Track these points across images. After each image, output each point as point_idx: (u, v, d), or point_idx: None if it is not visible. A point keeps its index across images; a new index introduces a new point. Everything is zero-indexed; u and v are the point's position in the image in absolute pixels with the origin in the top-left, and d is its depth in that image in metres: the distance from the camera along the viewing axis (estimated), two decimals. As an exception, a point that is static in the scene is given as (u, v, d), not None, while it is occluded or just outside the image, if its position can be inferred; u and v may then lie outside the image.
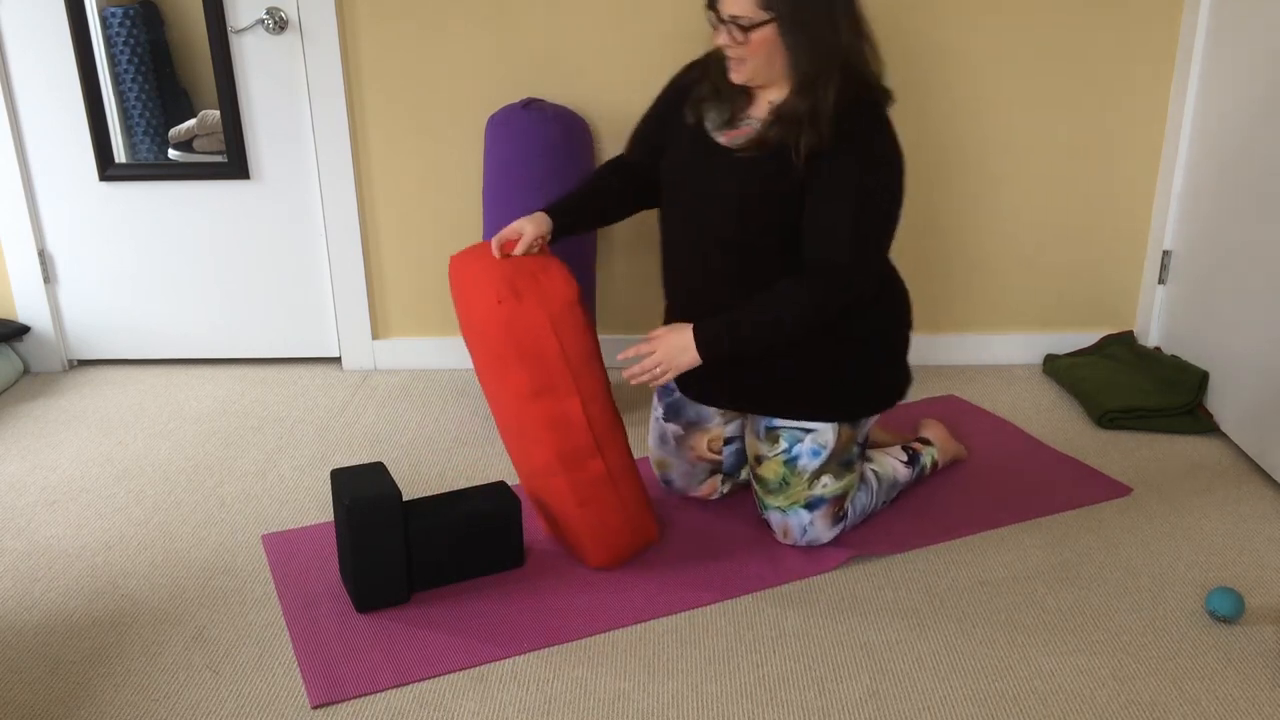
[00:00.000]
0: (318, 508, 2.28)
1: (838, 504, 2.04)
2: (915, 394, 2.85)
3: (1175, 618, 1.86)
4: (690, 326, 1.87)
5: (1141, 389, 2.69)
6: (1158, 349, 2.91)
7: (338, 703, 1.67)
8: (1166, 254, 2.87)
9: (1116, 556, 2.06)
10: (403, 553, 1.87)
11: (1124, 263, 2.96)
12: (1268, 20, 2.37)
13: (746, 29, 1.75)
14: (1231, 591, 1.83)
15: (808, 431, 1.99)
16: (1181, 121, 2.74)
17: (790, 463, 2.00)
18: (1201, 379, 2.63)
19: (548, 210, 2.01)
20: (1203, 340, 2.68)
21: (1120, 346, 2.93)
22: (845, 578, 2.00)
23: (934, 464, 2.28)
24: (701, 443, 2.17)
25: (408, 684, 1.72)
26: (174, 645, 1.82)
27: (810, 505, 2.01)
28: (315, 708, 1.66)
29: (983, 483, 2.34)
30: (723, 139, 1.91)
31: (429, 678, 1.73)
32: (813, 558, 2.04)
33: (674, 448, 2.19)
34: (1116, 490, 2.30)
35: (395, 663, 1.76)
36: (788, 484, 2.02)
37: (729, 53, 1.82)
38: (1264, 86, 2.38)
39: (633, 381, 1.89)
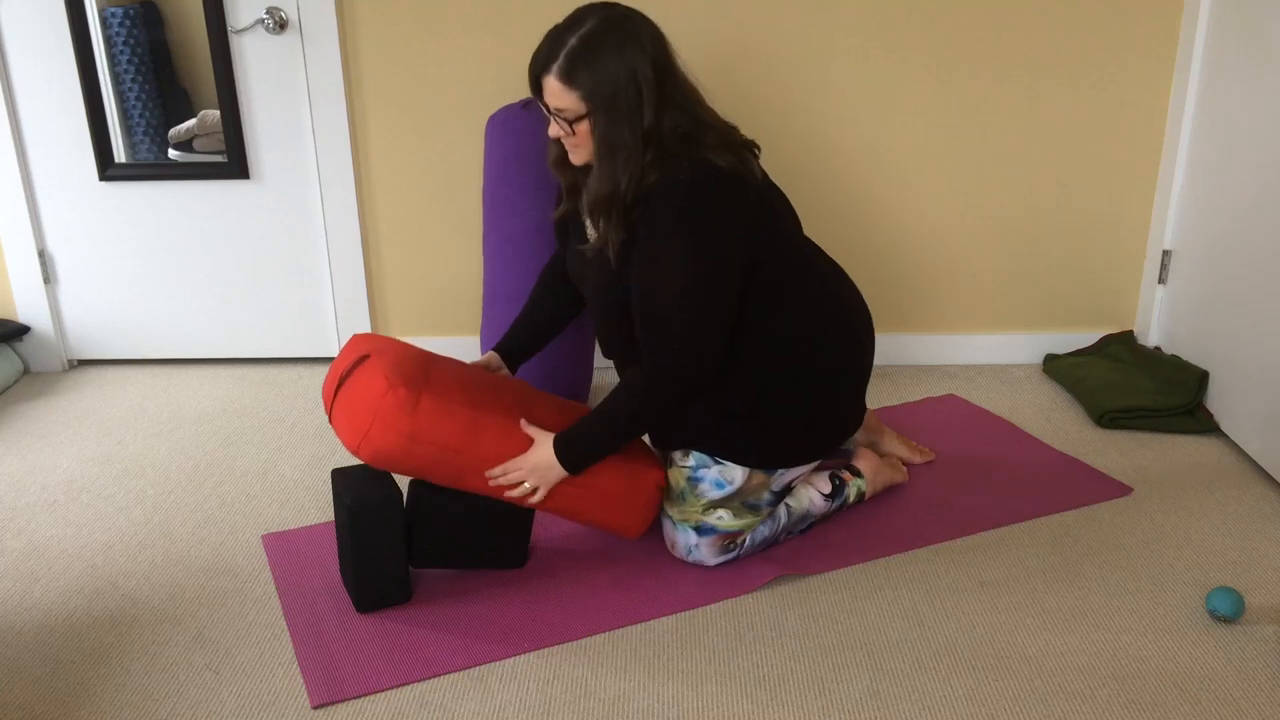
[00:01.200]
0: (318, 508, 2.28)
1: (729, 538, 1.99)
2: (916, 394, 2.85)
3: (1175, 618, 1.86)
4: (551, 440, 1.83)
5: (1141, 389, 2.69)
6: (1158, 349, 2.91)
7: (338, 703, 1.67)
8: (1166, 254, 2.87)
9: (1116, 556, 2.06)
10: (403, 552, 1.87)
11: (1124, 263, 2.96)
12: (1269, 19, 2.37)
13: (572, 121, 1.76)
14: (1231, 591, 1.83)
15: (718, 462, 1.95)
16: (1181, 120, 2.75)
17: (693, 481, 1.96)
18: (1201, 379, 2.63)
19: (500, 349, 2.09)
20: (1203, 340, 2.68)
21: (1120, 346, 2.93)
22: (845, 578, 2.00)
23: (860, 495, 2.19)
24: None
25: (408, 684, 1.72)
26: (174, 645, 1.82)
27: (700, 530, 1.97)
28: (315, 708, 1.66)
29: (983, 483, 2.34)
30: (588, 232, 1.92)
31: (429, 678, 1.73)
32: (815, 558, 2.04)
33: None
34: (1116, 490, 2.30)
35: (395, 663, 1.76)
36: (684, 499, 1.97)
37: (564, 141, 1.83)
38: (1265, 86, 2.38)
39: (505, 495, 1.85)
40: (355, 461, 2.49)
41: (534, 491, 1.85)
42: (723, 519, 1.97)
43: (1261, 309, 2.38)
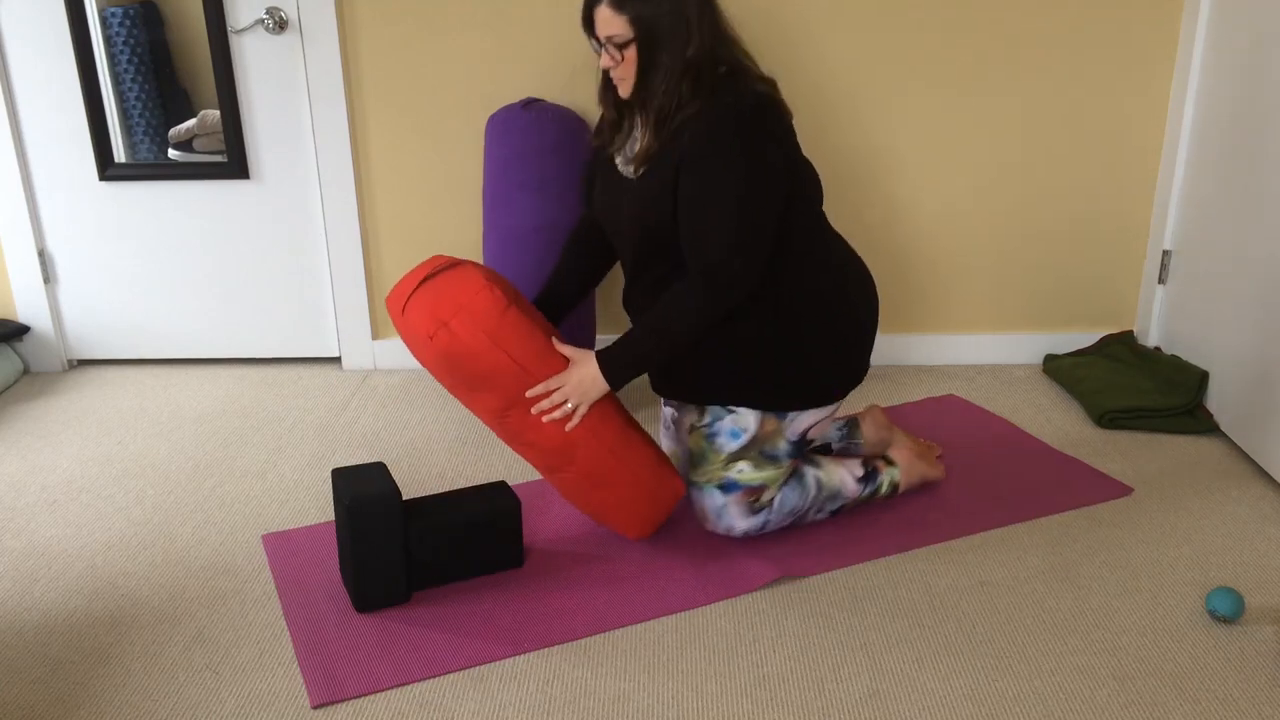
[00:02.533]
0: (318, 508, 2.29)
1: (753, 494, 2.03)
2: (916, 394, 2.85)
3: (1175, 618, 1.86)
4: (594, 356, 1.89)
5: (1141, 389, 2.69)
6: (1158, 349, 2.91)
7: (338, 702, 1.68)
8: (1166, 254, 2.87)
9: (1116, 556, 2.06)
10: (403, 552, 1.87)
11: (1124, 263, 2.96)
12: (1268, 20, 2.37)
13: (621, 47, 1.85)
14: (1231, 591, 1.83)
15: (730, 411, 2.00)
16: (1181, 121, 2.75)
17: (710, 437, 2.02)
18: (1201, 379, 2.63)
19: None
20: (1203, 340, 2.68)
21: (1120, 346, 2.93)
22: (845, 578, 2.00)
23: (894, 487, 2.21)
24: None
25: (408, 684, 1.72)
26: (174, 645, 1.82)
27: (724, 488, 2.02)
28: (315, 708, 1.66)
29: (983, 483, 2.34)
30: (626, 169, 1.98)
31: (429, 678, 1.73)
32: (815, 558, 2.04)
33: (674, 432, 2.20)
34: (1116, 490, 2.30)
35: (395, 663, 1.76)
36: (705, 459, 2.03)
37: (613, 73, 1.91)
38: (1264, 85, 2.38)
39: (544, 419, 1.89)
40: (358, 461, 2.49)
41: (573, 412, 1.89)
42: (744, 471, 2.01)
43: (1261, 309, 2.38)
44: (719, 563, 2.04)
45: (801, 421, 2.03)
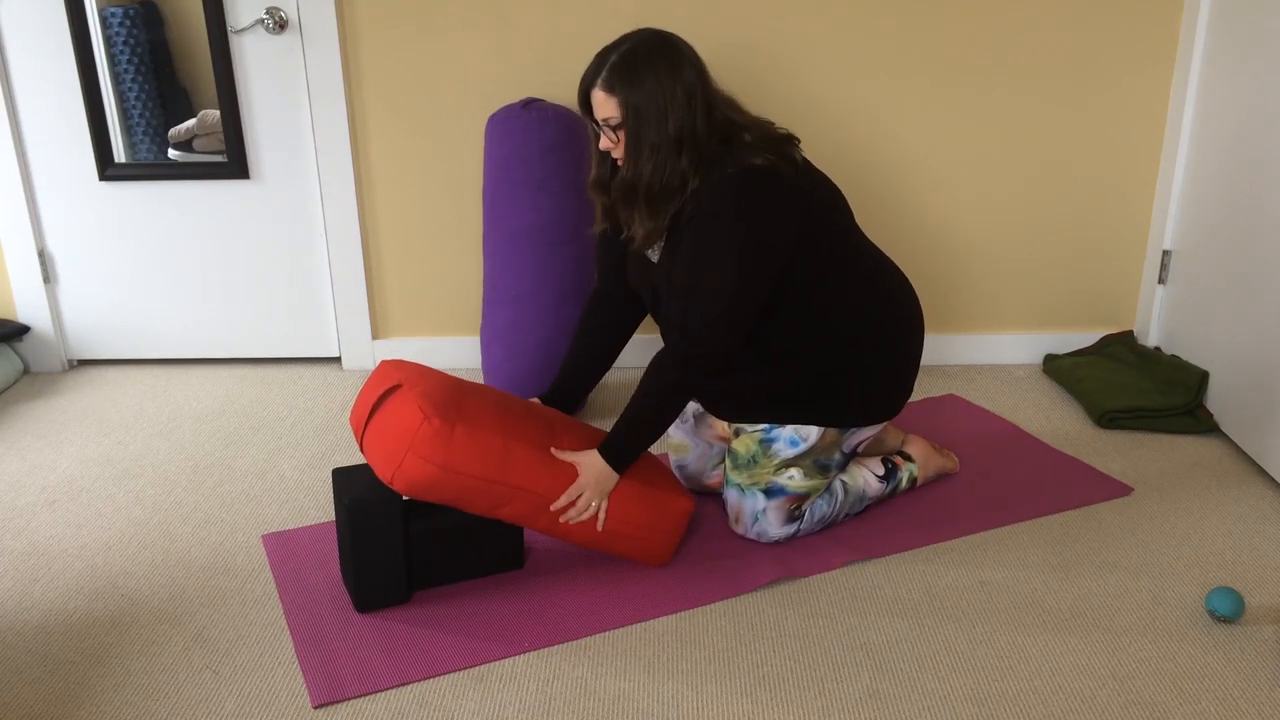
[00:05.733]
0: (318, 508, 2.29)
1: (795, 501, 2.05)
2: (916, 394, 2.85)
3: (1175, 618, 1.86)
4: (596, 451, 1.90)
5: (1141, 389, 2.69)
6: (1158, 349, 2.91)
7: (338, 702, 1.68)
8: (1166, 254, 2.87)
9: (1116, 556, 2.06)
10: (403, 552, 1.87)
11: (1124, 263, 2.96)
12: (1268, 20, 2.37)
13: (616, 128, 1.86)
14: (1231, 591, 1.83)
15: None
16: (1181, 121, 2.75)
17: (766, 443, 2.03)
18: (1201, 379, 2.63)
19: (546, 398, 2.13)
20: (1203, 340, 2.68)
21: (1120, 346, 2.93)
22: (845, 578, 2.00)
23: (912, 480, 2.25)
24: (720, 422, 2.19)
25: (408, 684, 1.72)
26: (174, 645, 1.82)
27: (769, 492, 2.04)
28: (316, 707, 1.66)
29: (983, 483, 2.34)
30: (647, 252, 1.99)
31: (429, 678, 1.73)
32: (815, 557, 2.04)
33: (692, 426, 2.22)
34: (1116, 490, 2.30)
35: (395, 663, 1.76)
36: (755, 462, 2.05)
37: (613, 154, 1.91)
38: (1264, 86, 2.38)
39: (564, 520, 1.90)
40: (358, 460, 2.49)
41: (599, 507, 1.91)
42: (794, 478, 2.03)
43: (1261, 309, 2.38)
44: (719, 563, 2.04)
45: (860, 434, 2.08)
